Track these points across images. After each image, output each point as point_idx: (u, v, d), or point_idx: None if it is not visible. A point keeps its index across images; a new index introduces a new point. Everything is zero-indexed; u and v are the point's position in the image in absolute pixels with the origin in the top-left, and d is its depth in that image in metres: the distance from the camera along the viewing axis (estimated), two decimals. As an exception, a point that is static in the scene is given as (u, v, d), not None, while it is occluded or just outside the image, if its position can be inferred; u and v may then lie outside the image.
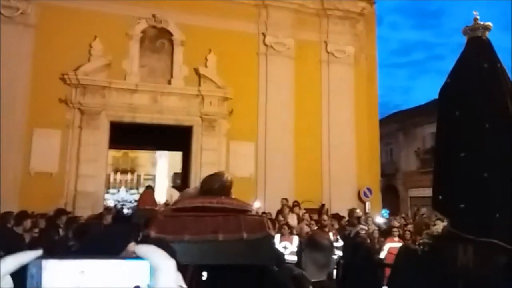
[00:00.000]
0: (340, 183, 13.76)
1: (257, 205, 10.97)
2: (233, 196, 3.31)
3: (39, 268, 0.55)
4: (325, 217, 9.61)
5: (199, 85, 13.20)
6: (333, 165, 14.00)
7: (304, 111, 13.98)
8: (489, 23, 4.28)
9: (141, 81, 12.81)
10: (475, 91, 3.92)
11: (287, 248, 7.40)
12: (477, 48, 4.18)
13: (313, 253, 2.28)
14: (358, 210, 8.30)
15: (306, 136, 13.84)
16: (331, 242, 2.41)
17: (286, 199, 11.84)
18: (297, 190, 12.96)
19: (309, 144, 13.84)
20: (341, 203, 12.30)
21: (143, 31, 13.05)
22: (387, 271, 5.16)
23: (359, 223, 8.67)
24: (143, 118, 12.78)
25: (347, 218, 9.56)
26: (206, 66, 13.31)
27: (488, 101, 3.84)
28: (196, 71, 13.19)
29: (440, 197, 3.79)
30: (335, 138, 14.15)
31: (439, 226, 3.56)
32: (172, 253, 0.62)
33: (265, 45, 14.15)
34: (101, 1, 12.40)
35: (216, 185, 3.00)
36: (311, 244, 2.39)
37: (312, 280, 2.15)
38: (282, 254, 4.54)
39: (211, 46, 13.25)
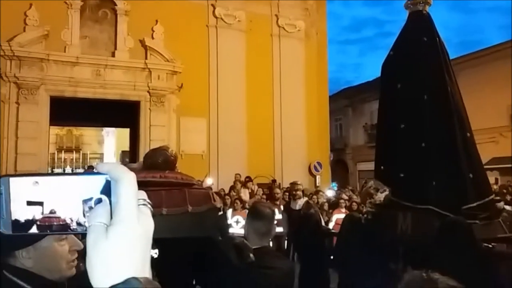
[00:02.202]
0: (291, 158, 13.98)
1: (209, 182, 10.92)
2: (179, 170, 3.25)
3: (7, 186, 0.60)
4: (277, 190, 9.76)
5: (146, 58, 12.70)
6: (284, 141, 14.16)
7: (256, 85, 13.93)
8: (430, -3, 4.39)
9: (82, 53, 12.10)
10: (415, 64, 4.03)
11: (239, 222, 7.45)
12: (418, 22, 4.29)
13: (255, 222, 2.29)
14: (299, 184, 8.47)
15: (258, 111, 13.83)
16: (273, 211, 2.42)
17: (239, 175, 11.90)
18: (249, 165, 13.02)
19: (260, 120, 13.87)
20: (292, 178, 12.47)
21: (84, 0, 12.27)
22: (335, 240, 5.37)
23: (306, 196, 8.89)
24: (85, 93, 12.16)
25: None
26: (152, 38, 12.80)
27: (427, 73, 3.98)
28: (142, 43, 12.66)
29: (382, 167, 3.93)
30: (286, 113, 14.27)
31: (382, 195, 3.69)
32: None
33: (215, 17, 13.81)
34: (36, -34, 11.47)
35: (160, 159, 2.92)
36: (253, 213, 2.39)
37: (253, 247, 2.16)
38: (228, 225, 4.56)
39: (158, 17, 12.72)
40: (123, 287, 0.51)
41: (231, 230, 6.34)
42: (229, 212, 7.77)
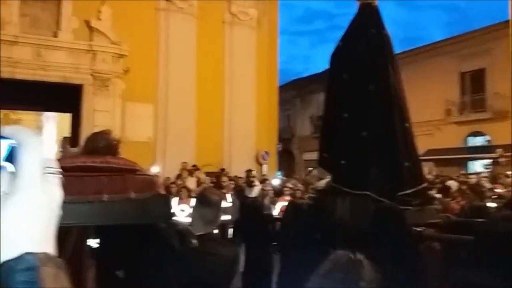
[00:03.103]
0: (240, 147, 14.01)
1: (155, 170, 10.71)
2: (121, 156, 3.16)
3: None
4: (224, 178, 9.77)
5: (91, 39, 12.13)
6: (233, 129, 14.16)
7: (206, 73, 13.76)
8: (378, -9, 4.54)
9: (22, 32, 11.34)
10: (361, 55, 4.17)
11: (184, 210, 7.39)
12: (367, 15, 4.43)
13: (202, 208, 2.29)
14: (254, 172, 8.56)
15: (208, 99, 13.70)
16: (220, 199, 2.43)
17: (186, 163, 11.78)
18: (198, 154, 12.91)
19: (210, 108, 13.75)
20: (240, 166, 12.54)
21: (24, -25, 11.47)
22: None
23: (257, 184, 9.00)
24: (24, 74, 11.43)
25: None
26: (99, 19, 12.23)
27: (372, 65, 4.13)
28: (88, 23, 12.07)
29: (324, 154, 4.07)
30: (236, 102, 14.25)
31: (323, 182, 3.81)
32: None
33: (166, 0, 13.42)
34: None
35: (102, 143, 2.82)
36: (201, 200, 2.39)
37: (198, 234, 2.16)
38: (172, 213, 4.51)
39: (105, -3, 12.17)
40: (15, 264, 0.47)
41: (176, 219, 6.29)
42: (175, 200, 7.67)
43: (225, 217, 5.85)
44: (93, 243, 2.83)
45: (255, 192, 7.86)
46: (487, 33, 18.57)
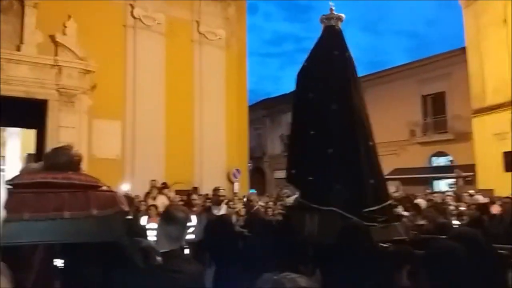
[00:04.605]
0: (211, 164, 13.92)
1: (125, 188, 10.45)
2: (83, 172, 3.06)
3: None
4: (194, 196, 9.62)
5: (56, 54, 11.87)
6: (204, 147, 14.07)
7: (176, 90, 13.70)
8: (342, 14, 4.70)
9: (-18, 45, 10.96)
10: (326, 76, 4.29)
11: (153, 229, 7.21)
12: (331, 36, 4.58)
13: (167, 226, 2.24)
14: (222, 189, 8.48)
15: (178, 116, 13.60)
16: (186, 216, 2.39)
17: (155, 181, 11.57)
18: (167, 172, 12.71)
19: (180, 125, 13.65)
20: (211, 184, 12.37)
21: (-14, -13, 11.17)
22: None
23: (226, 202, 8.90)
24: (-16, 88, 11.00)
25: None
26: (64, 33, 12.00)
27: (336, 85, 4.25)
28: (52, 38, 11.81)
29: (293, 171, 4.11)
30: (206, 120, 14.21)
31: (292, 198, 3.83)
32: None
33: (133, 17, 13.38)
34: None
35: (62, 159, 2.74)
36: (165, 217, 2.34)
37: (162, 251, 2.11)
38: (138, 230, 4.42)
39: (71, 12, 11.98)
40: None
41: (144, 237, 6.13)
42: (145, 218, 7.49)
43: (192, 236, 5.76)
44: (59, 262, 2.72)
45: (222, 210, 7.78)
46: (446, 58, 19.50)
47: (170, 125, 13.44)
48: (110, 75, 12.51)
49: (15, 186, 2.53)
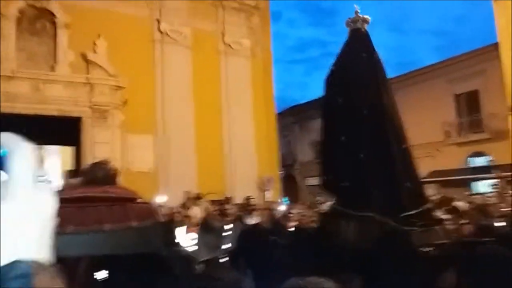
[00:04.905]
0: (242, 174, 13.98)
1: (161, 200, 10.61)
2: (120, 185, 3.14)
3: None
4: (228, 206, 9.66)
5: (88, 72, 12.28)
6: (234, 157, 14.16)
7: (204, 102, 13.88)
8: (368, 16, 4.64)
9: (19, 66, 11.49)
10: (354, 79, 4.23)
11: (191, 239, 7.29)
12: (357, 39, 4.52)
13: (205, 235, 2.26)
14: (252, 199, 8.46)
15: (207, 128, 13.77)
16: (222, 225, 2.41)
17: (189, 192, 11.71)
18: (200, 182, 12.85)
19: (210, 136, 13.80)
20: (243, 194, 12.47)
21: (21, 11, 11.69)
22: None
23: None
24: (23, 108, 11.49)
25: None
26: (95, 52, 12.42)
27: (365, 88, 4.18)
28: (84, 57, 12.25)
29: (326, 177, 4.06)
30: (235, 129, 14.32)
31: (327, 205, 3.78)
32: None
33: (160, 32, 13.70)
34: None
35: (100, 174, 2.82)
36: (203, 227, 2.37)
37: (202, 259, 2.13)
38: (174, 240, 4.48)
39: (100, 30, 12.39)
40: (7, 271, 0.45)
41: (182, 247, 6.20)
42: (183, 229, 7.58)
43: (229, 245, 5.77)
44: (101, 274, 2.79)
45: (254, 218, 7.77)
46: (478, 55, 18.91)
47: (200, 136, 13.61)
48: (140, 90, 12.83)
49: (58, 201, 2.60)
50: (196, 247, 2.43)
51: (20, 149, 0.50)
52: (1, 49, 11.38)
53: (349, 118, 3.99)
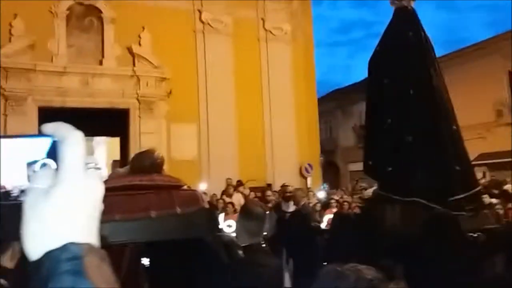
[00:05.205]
0: (283, 161, 13.97)
1: (203, 187, 10.87)
2: (166, 173, 3.23)
3: None
4: (268, 192, 9.73)
5: (134, 65, 12.65)
6: (275, 144, 14.17)
7: (244, 89, 13.94)
8: (413, -6, 4.44)
9: (70, 62, 12.03)
10: (400, 59, 4.07)
11: (231, 226, 7.43)
12: (403, 18, 4.34)
13: (246, 221, 2.28)
14: (290, 186, 8.40)
15: (247, 115, 13.84)
16: (264, 211, 2.42)
17: (230, 179, 11.88)
18: (241, 170, 12.99)
19: (250, 124, 13.87)
20: (284, 180, 12.50)
21: (69, 8, 12.19)
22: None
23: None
24: (74, 102, 12.06)
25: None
26: (140, 44, 12.75)
27: (412, 68, 4.02)
28: (130, 50, 12.61)
29: (370, 162, 3.97)
30: (275, 116, 14.29)
31: (370, 190, 3.70)
32: None
33: (202, 22, 13.82)
34: (20, -24, 11.39)
35: (147, 162, 2.91)
36: (243, 213, 2.39)
37: (243, 245, 2.16)
38: (218, 225, 4.58)
39: (144, 23, 12.69)
40: (59, 254, 0.47)
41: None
42: (222, 216, 7.73)
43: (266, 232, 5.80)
44: (146, 261, 2.91)
45: (291, 206, 7.76)
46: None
47: (241, 124, 13.71)
48: (184, 80, 13.06)
49: (107, 190, 2.73)
50: (233, 235, 2.46)
51: (70, 137, 0.52)
52: (53, 46, 11.96)
53: (396, 99, 3.87)
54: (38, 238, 0.49)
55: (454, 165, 3.54)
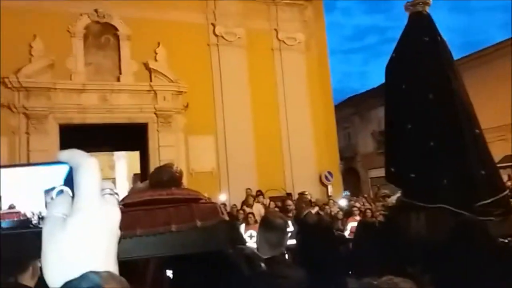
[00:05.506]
0: (301, 169, 13.91)
1: (222, 199, 10.89)
2: (185, 186, 3.24)
3: None
4: (289, 202, 9.65)
5: (150, 80, 12.85)
6: (293, 153, 14.12)
7: (260, 100, 13.98)
8: (428, -2, 4.39)
9: (88, 80, 12.30)
10: (417, 64, 4.01)
11: (253, 236, 7.39)
12: (418, 23, 4.29)
13: (266, 233, 2.26)
14: (307, 194, 8.31)
15: (264, 125, 13.85)
16: (285, 222, 2.38)
17: (250, 189, 11.86)
18: (260, 179, 12.98)
19: (268, 133, 13.87)
20: (304, 189, 12.42)
21: (86, 27, 12.51)
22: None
23: (318, 206, 8.77)
24: (93, 118, 12.30)
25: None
26: (156, 60, 12.97)
27: (430, 72, 3.95)
28: (146, 65, 12.83)
29: (392, 169, 3.89)
30: (292, 125, 14.26)
31: (394, 198, 3.63)
32: None
33: (216, 35, 13.98)
34: (38, -1, 11.74)
35: (166, 177, 2.93)
36: (264, 224, 2.36)
37: (265, 257, 2.12)
38: (238, 238, 4.55)
39: (160, 39, 12.91)
40: (78, 283, 0.46)
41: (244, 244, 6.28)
42: (242, 227, 7.70)
43: (292, 241, 5.74)
44: (168, 274, 2.91)
45: (310, 215, 7.65)
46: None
47: (259, 134, 13.73)
48: (200, 93, 13.19)
49: (126, 205, 2.75)
50: (255, 245, 2.43)
51: (85, 164, 0.52)
52: (71, 65, 12.25)
53: (415, 104, 3.80)
54: (57, 268, 0.48)
55: (479, 170, 3.44)
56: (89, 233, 0.49)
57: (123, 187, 21.81)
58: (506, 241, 2.74)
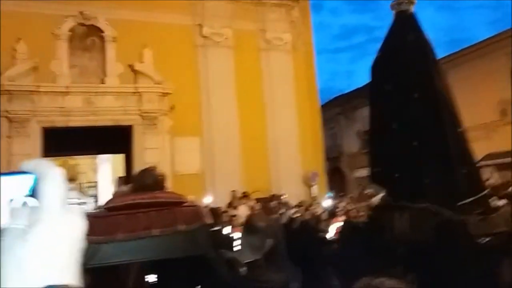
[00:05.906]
0: (287, 170, 13.90)
1: (208, 201, 10.81)
2: (169, 189, 3.21)
3: None
4: (273, 203, 9.65)
5: (135, 82, 12.72)
6: (278, 153, 14.11)
7: (247, 101, 13.95)
8: (414, -3, 4.42)
9: (73, 82, 12.10)
10: (402, 63, 4.04)
11: (238, 238, 7.36)
12: (403, 22, 4.31)
13: (249, 236, 2.24)
14: (283, 196, 8.28)
15: (251, 126, 13.82)
16: (267, 225, 2.37)
17: (235, 191, 11.82)
18: (246, 181, 12.92)
19: (253, 134, 13.84)
20: (289, 190, 12.44)
21: (71, 30, 12.32)
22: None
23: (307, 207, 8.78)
24: (77, 121, 12.11)
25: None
26: (141, 61, 12.84)
27: (414, 72, 3.98)
28: (132, 67, 12.69)
29: (376, 169, 3.91)
30: (278, 126, 14.26)
31: (378, 198, 3.64)
32: None
33: (203, 36, 13.90)
34: (22, 0, 11.52)
35: (149, 180, 2.90)
36: (247, 228, 2.34)
37: (246, 261, 2.11)
38: (222, 241, 4.52)
39: (146, 41, 12.77)
40: None
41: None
42: (228, 228, 7.66)
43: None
44: (151, 278, 2.86)
45: (286, 217, 7.67)
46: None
47: (244, 135, 13.69)
48: (186, 94, 13.10)
49: (109, 209, 2.71)
50: (239, 247, 2.41)
51: (49, 174, 0.51)
52: (56, 67, 12.06)
53: (399, 104, 3.82)
54: (16, 281, 0.47)
55: (461, 169, 3.47)
56: (49, 245, 0.48)
57: (107, 191, 21.62)
58: (486, 240, 2.77)
